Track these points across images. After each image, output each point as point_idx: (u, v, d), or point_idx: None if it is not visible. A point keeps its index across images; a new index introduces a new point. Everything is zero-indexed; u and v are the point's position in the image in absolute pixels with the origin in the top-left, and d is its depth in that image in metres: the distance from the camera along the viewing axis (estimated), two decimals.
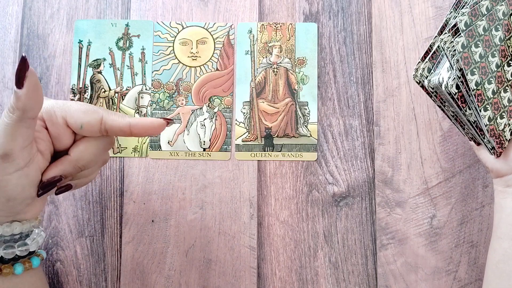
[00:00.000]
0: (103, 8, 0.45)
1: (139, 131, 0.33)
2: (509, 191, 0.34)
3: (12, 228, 0.32)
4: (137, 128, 0.32)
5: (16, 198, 0.31)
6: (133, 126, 0.32)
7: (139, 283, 0.41)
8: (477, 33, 0.32)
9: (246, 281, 0.41)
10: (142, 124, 0.33)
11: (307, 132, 0.43)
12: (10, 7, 0.45)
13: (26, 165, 0.30)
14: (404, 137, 0.43)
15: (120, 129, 0.32)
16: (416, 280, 0.41)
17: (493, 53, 0.33)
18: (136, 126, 0.32)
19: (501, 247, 0.34)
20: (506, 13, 0.34)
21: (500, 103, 0.33)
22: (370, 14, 0.44)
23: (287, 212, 0.42)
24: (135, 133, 0.33)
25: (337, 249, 0.42)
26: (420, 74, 0.35)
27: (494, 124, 0.33)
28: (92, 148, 0.33)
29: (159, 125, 0.33)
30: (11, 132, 0.29)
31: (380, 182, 0.42)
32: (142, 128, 0.33)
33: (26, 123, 0.29)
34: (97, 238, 0.42)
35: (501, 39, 0.33)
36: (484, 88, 0.32)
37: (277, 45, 0.44)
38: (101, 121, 0.32)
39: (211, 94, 0.44)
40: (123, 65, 0.44)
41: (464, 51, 0.31)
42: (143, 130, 0.33)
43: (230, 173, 0.43)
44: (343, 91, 0.44)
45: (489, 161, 0.36)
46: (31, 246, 0.33)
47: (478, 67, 0.32)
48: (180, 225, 0.42)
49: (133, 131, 0.32)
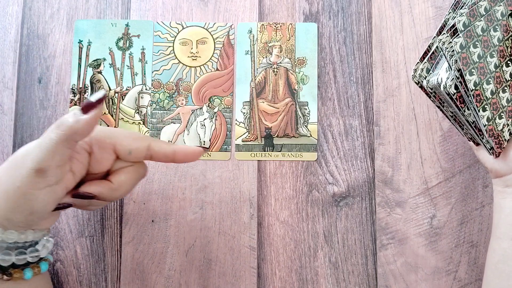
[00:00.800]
0: (103, 8, 0.45)
1: (180, 157, 0.35)
2: (508, 191, 0.34)
3: (26, 236, 0.32)
4: (180, 155, 0.35)
5: (38, 212, 0.31)
6: (177, 152, 0.34)
7: (139, 283, 0.41)
8: (476, 34, 0.32)
9: (246, 281, 0.41)
10: (184, 151, 0.35)
11: (307, 132, 0.43)
12: (10, 7, 0.45)
13: (56, 182, 0.31)
14: (404, 137, 0.43)
15: (165, 155, 0.34)
16: (416, 280, 0.41)
17: (491, 53, 0.33)
18: (180, 153, 0.34)
19: (500, 247, 0.34)
20: (505, 14, 0.34)
21: (498, 103, 0.33)
22: (370, 14, 0.44)
23: (287, 212, 0.42)
24: (177, 159, 0.35)
25: (337, 249, 0.42)
26: (419, 74, 0.35)
27: (493, 124, 0.33)
28: (132, 179, 0.35)
29: (199, 152, 0.35)
30: (53, 149, 0.30)
31: (380, 182, 0.42)
32: (184, 154, 0.35)
33: (69, 144, 0.30)
34: (97, 238, 0.42)
35: (500, 40, 0.33)
36: (482, 88, 0.32)
37: (277, 45, 0.44)
38: (148, 148, 0.34)
39: (211, 94, 0.44)
40: (123, 65, 0.44)
41: (463, 52, 0.31)
42: (184, 156, 0.35)
43: (230, 173, 0.43)
44: (343, 91, 0.44)
45: (488, 161, 0.36)
46: (42, 253, 0.34)
47: (476, 67, 0.32)
48: (180, 225, 0.42)
49: (176, 157, 0.34)
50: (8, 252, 0.32)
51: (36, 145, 0.30)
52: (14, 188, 0.30)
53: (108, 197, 0.34)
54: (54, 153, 0.30)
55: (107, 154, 0.34)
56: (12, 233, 0.32)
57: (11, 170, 0.30)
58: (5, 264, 0.32)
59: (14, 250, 0.32)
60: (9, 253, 0.32)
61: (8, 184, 0.30)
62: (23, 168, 0.30)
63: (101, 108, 0.30)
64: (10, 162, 0.31)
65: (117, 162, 0.34)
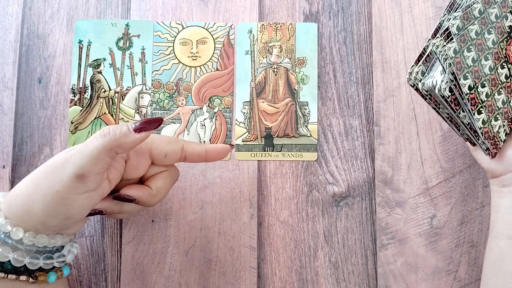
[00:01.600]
0: (103, 8, 0.45)
1: (213, 155, 0.36)
2: (505, 190, 0.35)
3: (55, 240, 0.33)
4: (213, 153, 0.36)
5: (74, 217, 0.32)
6: (208, 151, 0.36)
7: (139, 283, 0.41)
8: (469, 38, 0.32)
9: (246, 281, 0.41)
10: (215, 149, 0.36)
11: (307, 132, 0.43)
12: (10, 7, 0.45)
13: (94, 189, 0.32)
14: (404, 137, 0.43)
15: (198, 155, 0.36)
16: (416, 280, 0.41)
17: (486, 56, 0.33)
18: (212, 151, 0.36)
19: (497, 246, 0.34)
20: (499, 16, 0.33)
21: (494, 105, 0.33)
22: (370, 14, 0.44)
23: (287, 212, 0.42)
24: (210, 158, 0.36)
25: (337, 249, 0.42)
26: (414, 77, 0.35)
27: (489, 126, 0.33)
28: (168, 184, 0.36)
29: (227, 149, 0.37)
30: (96, 156, 0.30)
31: (380, 182, 0.42)
32: (215, 152, 0.36)
33: (112, 154, 0.31)
34: (97, 238, 0.42)
35: (494, 42, 0.33)
36: (477, 91, 0.32)
37: (277, 45, 0.44)
38: (182, 149, 0.35)
39: (211, 94, 0.44)
40: (123, 65, 0.44)
41: (456, 57, 0.31)
42: (216, 154, 0.36)
43: (230, 173, 0.43)
44: (343, 91, 0.44)
45: (485, 161, 0.36)
46: (68, 258, 0.34)
47: (471, 71, 0.32)
48: (180, 225, 0.42)
49: (209, 155, 0.36)
50: (37, 256, 0.32)
51: (78, 150, 0.31)
52: (53, 192, 0.30)
53: (147, 202, 0.34)
54: (97, 160, 0.30)
55: (143, 159, 0.35)
56: (43, 238, 0.32)
57: (50, 175, 0.31)
58: (33, 267, 0.32)
59: (42, 254, 0.33)
60: (37, 257, 0.32)
61: (46, 188, 0.30)
62: (63, 173, 0.30)
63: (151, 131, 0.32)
64: (49, 167, 0.31)
65: (151, 168, 0.35)
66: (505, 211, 0.34)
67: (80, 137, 0.43)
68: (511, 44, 0.34)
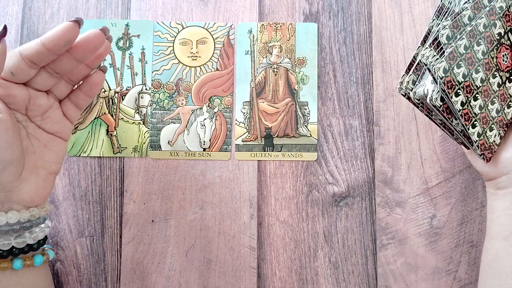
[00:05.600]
0: (103, 8, 0.45)
1: (50, 41, 0.30)
2: (499, 193, 0.35)
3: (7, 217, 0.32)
4: (48, 39, 0.30)
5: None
6: (43, 40, 0.30)
7: (139, 283, 0.41)
8: (459, 53, 0.31)
9: (246, 281, 0.41)
10: (51, 34, 0.30)
11: (307, 132, 0.43)
12: (10, 7, 0.45)
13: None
14: (404, 137, 0.43)
15: (36, 50, 0.30)
16: (416, 280, 0.41)
17: (476, 69, 0.32)
18: (46, 38, 0.30)
19: (493, 247, 0.35)
20: (487, 25, 0.33)
21: (488, 116, 0.33)
22: (370, 14, 0.44)
23: (287, 212, 0.42)
24: (48, 46, 0.30)
25: (337, 249, 0.42)
26: (405, 87, 0.35)
27: (484, 138, 0.33)
28: None
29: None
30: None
31: (380, 182, 0.42)
32: (52, 37, 0.30)
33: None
34: (97, 238, 0.42)
35: (484, 52, 0.33)
36: (470, 106, 0.32)
37: (277, 45, 0.44)
38: (21, 57, 0.31)
39: (211, 94, 0.44)
40: (123, 65, 0.44)
41: (447, 76, 0.31)
42: (56, 37, 0.30)
43: (230, 173, 0.43)
44: (343, 91, 0.44)
45: (479, 165, 0.36)
46: (29, 240, 0.33)
47: (462, 87, 0.31)
48: (180, 225, 0.42)
49: (44, 43, 0.30)
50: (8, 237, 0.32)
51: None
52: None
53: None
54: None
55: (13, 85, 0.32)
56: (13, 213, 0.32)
57: None
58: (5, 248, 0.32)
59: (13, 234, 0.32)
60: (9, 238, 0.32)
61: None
62: None
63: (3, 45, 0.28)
64: None
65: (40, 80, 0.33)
66: (500, 213, 0.34)
67: (80, 137, 0.43)
68: (501, 51, 0.34)
